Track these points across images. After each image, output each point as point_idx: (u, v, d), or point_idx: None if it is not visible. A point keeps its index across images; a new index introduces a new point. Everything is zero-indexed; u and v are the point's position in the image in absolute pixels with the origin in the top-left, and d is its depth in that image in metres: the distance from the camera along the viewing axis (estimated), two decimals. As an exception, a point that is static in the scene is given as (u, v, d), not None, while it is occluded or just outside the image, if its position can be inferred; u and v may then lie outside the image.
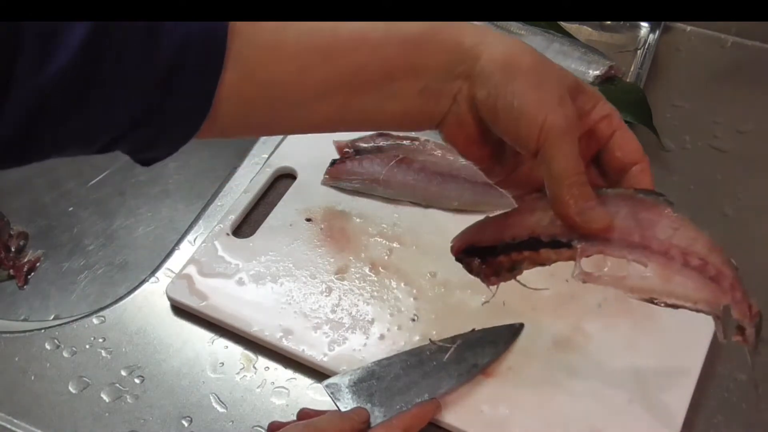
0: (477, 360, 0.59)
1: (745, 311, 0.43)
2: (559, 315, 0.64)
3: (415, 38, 0.45)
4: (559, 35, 0.85)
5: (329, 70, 0.44)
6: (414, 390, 0.57)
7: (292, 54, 0.43)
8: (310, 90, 0.44)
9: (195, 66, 0.41)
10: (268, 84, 0.43)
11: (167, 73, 0.40)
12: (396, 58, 0.44)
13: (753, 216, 0.73)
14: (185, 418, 0.60)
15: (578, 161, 0.43)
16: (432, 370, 0.58)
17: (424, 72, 0.44)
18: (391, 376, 0.58)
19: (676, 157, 0.78)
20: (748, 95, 0.84)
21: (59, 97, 0.38)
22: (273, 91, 0.43)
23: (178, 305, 0.66)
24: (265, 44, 0.43)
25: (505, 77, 0.43)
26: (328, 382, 0.58)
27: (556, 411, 0.59)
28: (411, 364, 0.59)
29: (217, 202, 0.74)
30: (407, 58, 0.44)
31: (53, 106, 0.38)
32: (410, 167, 0.72)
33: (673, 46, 0.88)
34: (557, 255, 0.44)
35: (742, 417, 0.60)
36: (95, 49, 0.39)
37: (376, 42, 0.44)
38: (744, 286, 0.44)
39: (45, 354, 0.64)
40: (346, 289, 0.66)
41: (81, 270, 0.90)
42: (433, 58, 0.44)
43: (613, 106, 0.46)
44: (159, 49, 0.40)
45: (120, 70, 0.39)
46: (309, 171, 0.74)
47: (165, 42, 0.40)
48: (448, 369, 0.58)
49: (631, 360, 0.61)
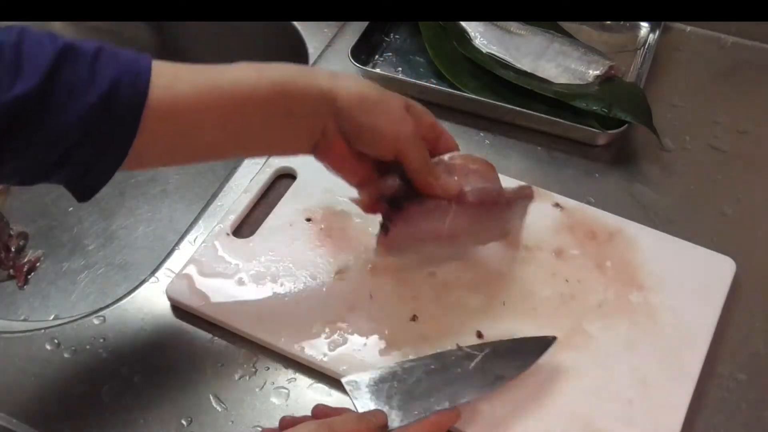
0: (503, 372, 0.57)
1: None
2: (559, 315, 0.64)
3: (284, 89, 0.57)
4: (559, 35, 0.85)
5: (223, 127, 0.56)
6: (435, 396, 0.55)
7: (191, 110, 0.54)
8: (202, 147, 0.58)
9: (114, 121, 0.51)
10: (173, 134, 0.55)
11: (93, 119, 0.50)
12: (276, 109, 0.57)
13: (753, 216, 0.73)
14: (185, 418, 0.60)
15: (426, 155, 0.60)
16: (455, 377, 0.56)
17: (297, 116, 0.58)
18: (413, 380, 0.56)
19: (676, 157, 0.78)
20: (748, 95, 0.84)
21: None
22: (179, 139, 0.56)
23: (178, 305, 0.66)
24: (178, 100, 0.54)
25: (361, 110, 0.58)
26: (347, 379, 0.57)
27: (556, 411, 0.59)
28: (435, 368, 0.57)
29: (217, 202, 0.74)
30: (284, 107, 0.57)
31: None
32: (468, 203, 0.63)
33: (673, 46, 0.89)
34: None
35: (742, 417, 0.60)
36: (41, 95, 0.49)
37: (259, 98, 0.56)
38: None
39: (45, 354, 0.64)
40: (346, 289, 0.66)
41: (81, 270, 0.90)
42: (302, 104, 0.57)
43: (431, 115, 0.63)
44: (87, 95, 0.50)
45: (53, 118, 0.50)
46: (309, 171, 0.74)
47: (94, 91, 0.50)
48: (472, 378, 0.57)
49: (631, 360, 0.61)
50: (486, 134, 0.80)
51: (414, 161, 0.59)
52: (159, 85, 0.52)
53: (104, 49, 0.52)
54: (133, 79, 0.51)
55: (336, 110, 0.57)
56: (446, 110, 0.81)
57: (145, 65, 0.52)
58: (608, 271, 0.67)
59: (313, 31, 0.91)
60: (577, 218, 0.70)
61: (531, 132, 0.79)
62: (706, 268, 0.67)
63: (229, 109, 0.55)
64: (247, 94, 0.55)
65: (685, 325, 0.63)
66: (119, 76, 0.51)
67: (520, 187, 0.67)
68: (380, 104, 0.59)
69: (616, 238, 0.69)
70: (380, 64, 0.87)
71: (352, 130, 0.58)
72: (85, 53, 0.50)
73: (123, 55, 0.52)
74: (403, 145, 0.59)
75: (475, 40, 0.85)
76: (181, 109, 0.54)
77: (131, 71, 0.51)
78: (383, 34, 0.89)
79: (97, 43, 0.52)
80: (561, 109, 0.79)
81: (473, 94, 0.81)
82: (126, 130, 0.52)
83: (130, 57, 0.52)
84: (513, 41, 0.85)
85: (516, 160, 0.78)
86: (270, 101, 0.56)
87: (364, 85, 0.59)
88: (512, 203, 0.66)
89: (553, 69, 0.82)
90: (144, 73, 0.52)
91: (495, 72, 0.82)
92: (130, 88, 0.51)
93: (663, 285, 0.66)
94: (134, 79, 0.51)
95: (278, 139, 0.60)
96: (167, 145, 0.56)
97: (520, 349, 0.59)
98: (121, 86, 0.51)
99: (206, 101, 0.54)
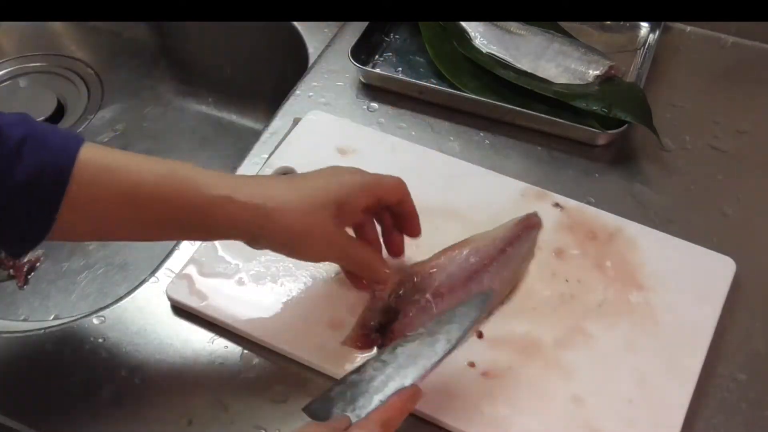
0: (449, 336, 0.55)
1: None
2: (559, 315, 0.64)
3: (204, 219, 0.56)
4: (559, 35, 0.85)
5: (141, 233, 0.58)
6: (391, 383, 0.54)
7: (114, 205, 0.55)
8: (125, 238, 0.61)
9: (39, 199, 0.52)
10: (92, 230, 0.57)
11: (19, 197, 0.51)
12: (196, 230, 0.58)
13: (753, 216, 0.73)
14: (185, 418, 0.60)
15: (364, 257, 0.62)
16: (405, 360, 0.55)
17: (219, 236, 0.60)
18: (366, 379, 0.55)
19: (676, 157, 0.78)
20: (748, 95, 0.84)
21: None
22: (100, 231, 0.58)
23: (178, 305, 0.66)
24: (95, 196, 0.54)
25: (286, 248, 0.58)
26: (305, 407, 0.55)
27: (556, 411, 0.59)
28: (384, 361, 0.55)
29: (217, 202, 0.74)
30: (204, 231, 0.58)
31: None
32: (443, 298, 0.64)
33: (673, 46, 0.88)
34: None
35: (742, 417, 0.60)
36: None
37: (179, 219, 0.56)
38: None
39: (45, 354, 0.64)
40: (345, 289, 0.66)
41: (81, 270, 0.90)
42: (223, 234, 0.58)
43: (400, 192, 0.62)
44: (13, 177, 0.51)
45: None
46: (309, 171, 0.74)
47: (20, 171, 0.51)
48: (421, 355, 0.55)
49: (631, 360, 0.61)
50: (486, 134, 0.80)
51: (359, 268, 0.62)
52: (80, 182, 0.52)
53: (31, 136, 0.52)
54: (56, 174, 0.51)
55: (261, 244, 0.58)
56: (446, 110, 0.81)
57: (68, 163, 0.52)
58: (608, 271, 0.67)
59: (313, 31, 0.92)
60: (577, 218, 0.70)
61: (531, 132, 0.79)
62: (706, 268, 0.67)
63: (147, 222, 0.56)
64: (167, 214, 0.55)
65: (685, 325, 0.63)
66: (43, 165, 0.51)
67: (525, 217, 0.67)
68: (306, 240, 0.58)
69: (616, 238, 0.69)
70: (380, 64, 0.87)
71: (285, 250, 0.59)
72: (8, 138, 0.51)
73: (51, 142, 0.52)
74: (334, 261, 0.63)
75: (475, 40, 0.85)
76: (100, 213, 0.54)
77: (56, 163, 0.52)
78: (383, 34, 0.89)
79: (26, 128, 0.52)
80: (561, 109, 0.79)
81: (473, 94, 0.81)
82: (45, 218, 0.53)
83: (58, 145, 0.52)
84: (513, 41, 0.85)
85: (516, 160, 0.78)
86: (191, 223, 0.56)
87: (292, 219, 0.56)
88: (515, 242, 0.66)
89: (553, 69, 0.82)
90: (65, 171, 0.52)
91: (495, 72, 0.82)
92: (53, 177, 0.52)
93: (663, 285, 0.66)
94: (57, 174, 0.51)
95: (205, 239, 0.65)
96: (89, 231, 0.57)
97: (459, 314, 0.57)
98: (44, 175, 0.51)
99: (124, 212, 0.55)
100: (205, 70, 1.08)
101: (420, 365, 0.54)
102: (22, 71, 1.10)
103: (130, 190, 0.54)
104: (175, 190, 0.55)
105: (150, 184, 0.54)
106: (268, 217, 0.56)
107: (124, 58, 1.11)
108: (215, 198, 0.55)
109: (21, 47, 1.12)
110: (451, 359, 0.61)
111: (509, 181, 0.74)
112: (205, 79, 1.08)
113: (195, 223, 0.56)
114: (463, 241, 0.66)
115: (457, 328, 0.56)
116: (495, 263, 0.64)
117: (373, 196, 0.60)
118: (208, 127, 1.07)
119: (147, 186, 0.54)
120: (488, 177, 0.74)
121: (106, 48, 1.11)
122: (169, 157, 1.02)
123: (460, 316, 0.57)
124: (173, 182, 0.55)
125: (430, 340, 0.55)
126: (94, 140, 1.04)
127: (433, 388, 0.59)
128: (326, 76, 0.86)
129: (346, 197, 0.58)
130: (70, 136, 0.53)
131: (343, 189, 0.58)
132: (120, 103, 1.08)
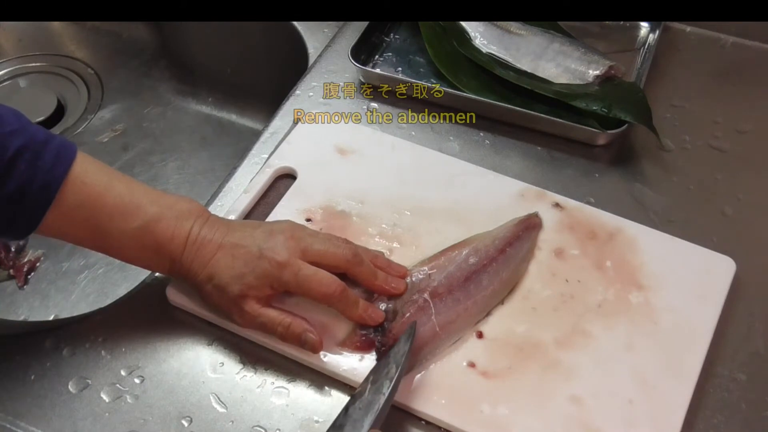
0: (389, 374, 0.56)
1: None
2: (559, 315, 0.64)
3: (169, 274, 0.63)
4: (559, 35, 0.85)
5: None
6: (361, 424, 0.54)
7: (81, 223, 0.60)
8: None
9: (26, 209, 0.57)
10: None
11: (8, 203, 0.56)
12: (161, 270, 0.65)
13: (753, 216, 0.73)
14: (185, 418, 0.60)
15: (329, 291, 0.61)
16: (359, 414, 0.55)
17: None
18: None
19: (676, 157, 0.78)
20: (748, 95, 0.84)
21: None
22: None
23: (178, 306, 0.66)
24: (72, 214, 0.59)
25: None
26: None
27: (556, 411, 0.59)
28: (339, 425, 0.54)
29: (218, 203, 0.74)
30: (169, 273, 0.64)
31: None
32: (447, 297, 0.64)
33: (673, 46, 0.88)
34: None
35: (742, 417, 0.60)
36: None
37: (141, 259, 0.63)
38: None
39: (45, 354, 0.64)
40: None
41: (81, 270, 0.90)
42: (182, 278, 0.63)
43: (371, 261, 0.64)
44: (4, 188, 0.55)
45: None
46: (309, 171, 0.74)
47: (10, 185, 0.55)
48: (372, 402, 0.55)
49: (631, 360, 0.61)
50: (486, 134, 0.80)
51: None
52: (55, 214, 0.57)
53: (27, 149, 0.56)
54: (41, 192, 0.56)
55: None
56: (446, 110, 0.81)
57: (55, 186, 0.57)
58: (608, 271, 0.67)
59: (313, 31, 0.92)
60: (577, 218, 0.70)
61: (531, 132, 0.79)
62: (706, 268, 0.67)
63: (111, 253, 0.62)
64: (130, 255, 0.62)
65: (685, 325, 0.63)
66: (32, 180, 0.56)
67: (526, 218, 0.68)
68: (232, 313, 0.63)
69: (616, 238, 0.69)
70: (380, 64, 0.87)
71: None
72: (5, 150, 0.55)
73: (42, 159, 0.56)
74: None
75: (475, 40, 0.85)
76: (71, 236, 0.61)
77: (44, 180, 0.56)
78: (383, 34, 0.89)
79: (23, 139, 0.56)
80: (561, 109, 0.79)
81: (473, 94, 0.81)
82: (28, 223, 0.58)
83: (48, 164, 0.56)
84: (513, 41, 0.85)
85: (516, 160, 0.78)
86: (152, 266, 0.65)
87: (230, 280, 0.61)
88: (515, 243, 0.66)
89: (553, 69, 0.82)
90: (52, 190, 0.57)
91: (495, 72, 0.82)
92: (38, 193, 0.56)
93: (663, 285, 0.66)
94: (41, 193, 0.56)
95: None
96: (78, 240, 0.62)
97: (394, 350, 0.58)
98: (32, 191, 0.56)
99: (94, 243, 0.62)
100: (205, 70, 1.08)
101: (373, 410, 0.55)
102: (22, 71, 1.10)
103: (104, 227, 0.60)
104: (143, 240, 0.60)
105: (122, 226, 0.60)
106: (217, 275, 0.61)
107: (124, 58, 1.11)
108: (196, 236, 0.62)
109: (21, 47, 1.12)
110: (451, 359, 0.61)
111: (509, 181, 0.74)
112: (205, 79, 1.09)
113: (165, 270, 0.63)
114: (463, 242, 0.66)
115: (393, 365, 0.57)
116: (494, 263, 0.65)
117: (274, 288, 0.62)
118: (208, 127, 1.07)
119: (120, 224, 0.60)
120: (488, 177, 0.74)
121: (106, 48, 1.11)
122: (169, 157, 1.03)
123: (393, 355, 0.58)
124: (145, 233, 0.60)
125: (376, 387, 0.56)
126: (94, 140, 1.04)
127: (434, 388, 0.60)
128: (326, 76, 0.86)
129: (248, 290, 0.61)
130: (61, 155, 0.57)
131: (245, 285, 0.61)
132: (120, 103, 1.08)
